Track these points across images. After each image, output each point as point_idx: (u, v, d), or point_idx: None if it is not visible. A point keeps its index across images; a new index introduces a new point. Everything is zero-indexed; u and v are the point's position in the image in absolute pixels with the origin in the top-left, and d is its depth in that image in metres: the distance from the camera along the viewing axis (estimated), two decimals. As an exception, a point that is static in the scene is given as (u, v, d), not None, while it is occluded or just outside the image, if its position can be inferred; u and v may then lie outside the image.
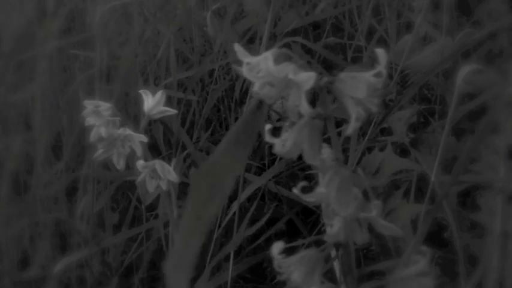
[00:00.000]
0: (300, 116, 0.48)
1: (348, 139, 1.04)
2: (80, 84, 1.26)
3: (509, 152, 0.93)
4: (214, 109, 1.38)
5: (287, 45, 1.44)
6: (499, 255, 0.90)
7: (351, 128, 0.46)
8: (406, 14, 1.32)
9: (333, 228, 0.50)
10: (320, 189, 0.49)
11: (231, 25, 1.38)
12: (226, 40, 1.32)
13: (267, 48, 1.39)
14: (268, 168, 1.28)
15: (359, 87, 0.46)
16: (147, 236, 1.01)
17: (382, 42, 1.39)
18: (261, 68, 0.46)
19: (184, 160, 1.16)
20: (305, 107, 0.45)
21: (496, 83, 0.98)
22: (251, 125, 0.48)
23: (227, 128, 1.35)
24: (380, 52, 0.47)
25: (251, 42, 1.44)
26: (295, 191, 0.49)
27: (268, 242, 1.18)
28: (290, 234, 1.19)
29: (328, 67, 1.51)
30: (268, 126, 0.51)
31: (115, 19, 1.28)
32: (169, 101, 1.32)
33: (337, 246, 0.52)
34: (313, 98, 0.50)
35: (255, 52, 1.34)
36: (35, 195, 1.10)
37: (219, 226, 1.04)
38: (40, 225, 1.05)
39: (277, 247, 0.53)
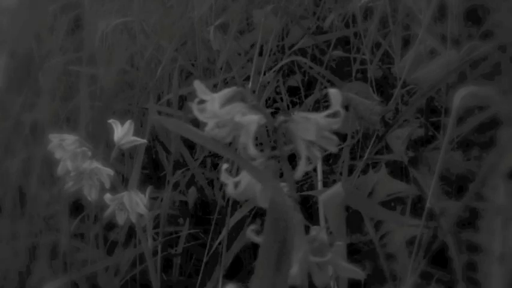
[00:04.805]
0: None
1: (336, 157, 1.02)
2: (83, 100, 1.26)
3: (510, 173, 0.91)
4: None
5: (292, 59, 1.43)
6: (498, 276, 0.88)
7: (299, 171, 0.44)
8: (413, 26, 1.30)
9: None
10: None
11: (236, 39, 1.37)
12: (230, 54, 1.31)
13: (274, 61, 1.37)
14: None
15: (309, 129, 0.44)
16: (140, 258, 1.01)
17: (389, 56, 1.37)
18: (208, 109, 0.45)
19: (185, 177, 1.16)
20: (252, 150, 0.44)
21: (497, 102, 0.95)
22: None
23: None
24: (333, 93, 0.45)
25: (259, 56, 1.43)
26: (248, 232, 0.48)
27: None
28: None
29: (338, 78, 1.49)
30: (225, 166, 0.50)
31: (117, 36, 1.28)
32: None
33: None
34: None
35: (260, 65, 1.30)
36: (37, 212, 1.10)
37: (211, 247, 1.03)
38: (40, 245, 1.05)
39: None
